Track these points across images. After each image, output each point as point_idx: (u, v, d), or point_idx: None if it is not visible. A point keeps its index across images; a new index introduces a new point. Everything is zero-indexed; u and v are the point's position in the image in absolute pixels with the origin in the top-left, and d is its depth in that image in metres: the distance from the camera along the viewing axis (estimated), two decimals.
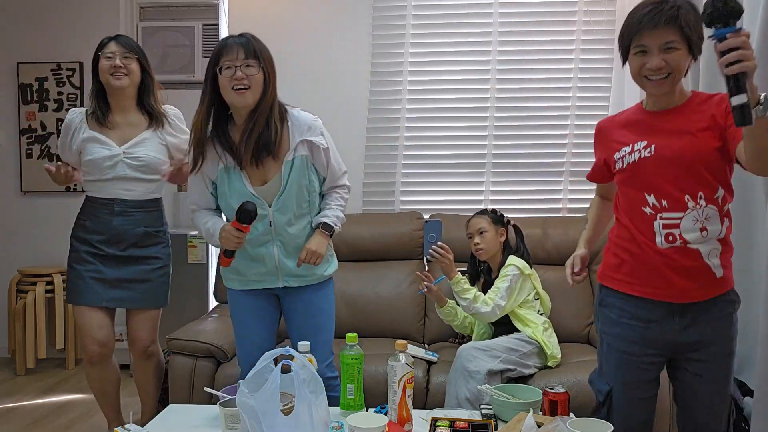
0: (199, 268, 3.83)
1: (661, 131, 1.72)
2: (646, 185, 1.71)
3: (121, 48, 2.48)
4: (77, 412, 3.38)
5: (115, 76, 2.46)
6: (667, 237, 1.69)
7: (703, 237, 1.69)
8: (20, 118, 4.30)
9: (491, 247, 2.68)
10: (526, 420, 1.64)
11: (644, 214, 1.72)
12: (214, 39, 4.13)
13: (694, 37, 1.66)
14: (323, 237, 2.17)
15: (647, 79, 1.69)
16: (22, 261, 4.19)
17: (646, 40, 1.66)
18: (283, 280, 2.20)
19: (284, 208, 2.13)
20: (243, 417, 1.52)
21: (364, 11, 3.73)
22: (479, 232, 2.67)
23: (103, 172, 2.48)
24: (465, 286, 2.52)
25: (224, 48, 2.05)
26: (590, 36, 3.62)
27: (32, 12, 4.28)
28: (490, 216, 2.71)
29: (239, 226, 2.04)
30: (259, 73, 2.05)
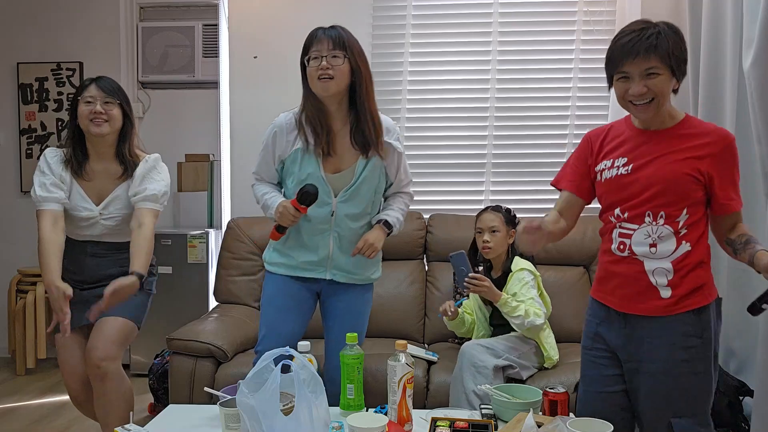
0: (199, 268, 3.83)
1: (641, 152, 1.78)
2: (618, 199, 1.80)
3: (101, 93, 2.31)
4: (77, 412, 3.36)
5: (94, 122, 2.29)
6: (620, 245, 1.79)
7: (651, 253, 1.75)
8: (20, 118, 4.30)
9: (499, 248, 2.65)
10: (526, 420, 1.64)
11: (610, 222, 1.83)
12: (215, 39, 4.13)
13: (675, 63, 1.69)
14: (382, 233, 2.21)
15: (631, 104, 1.74)
16: (22, 261, 4.19)
17: (627, 68, 1.71)
18: (331, 273, 2.22)
19: (350, 202, 2.16)
20: (243, 417, 1.52)
21: (364, 11, 3.73)
22: (491, 230, 2.64)
23: (79, 228, 2.39)
24: (513, 305, 2.48)
25: (313, 39, 2.11)
26: (590, 36, 3.62)
27: (32, 12, 4.29)
28: (504, 215, 2.68)
29: (298, 206, 2.10)
30: (345, 64, 2.08)
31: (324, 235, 2.19)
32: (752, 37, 2.32)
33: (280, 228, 2.18)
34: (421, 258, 3.30)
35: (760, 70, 2.31)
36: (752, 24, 2.33)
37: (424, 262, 3.30)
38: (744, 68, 2.39)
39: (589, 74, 3.63)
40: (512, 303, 2.48)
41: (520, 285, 2.56)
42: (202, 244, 3.83)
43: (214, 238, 3.92)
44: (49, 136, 4.30)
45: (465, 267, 2.45)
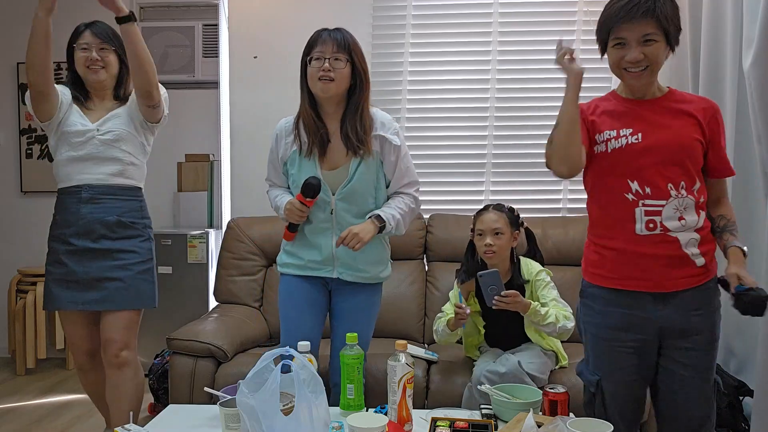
0: (199, 268, 3.83)
1: (645, 120, 1.75)
2: (631, 172, 1.73)
3: (96, 39, 2.37)
4: (77, 412, 3.38)
5: (91, 69, 2.36)
6: (648, 224, 1.72)
7: (682, 226, 1.72)
8: (20, 118, 4.30)
9: (503, 252, 2.43)
10: (526, 420, 1.64)
11: (626, 200, 1.74)
12: (215, 39, 4.13)
13: (671, 28, 1.68)
14: (371, 225, 2.15)
15: (626, 71, 1.72)
16: (22, 261, 4.19)
17: (624, 33, 1.68)
18: (338, 271, 2.22)
19: (348, 199, 2.16)
20: (243, 417, 1.52)
21: (364, 11, 3.73)
22: (494, 232, 2.40)
23: (73, 148, 2.36)
24: (542, 312, 2.30)
25: (317, 39, 2.11)
26: (590, 36, 3.60)
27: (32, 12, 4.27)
28: (508, 215, 2.45)
29: (303, 199, 2.12)
30: (347, 66, 2.09)
31: (326, 233, 2.20)
32: (752, 37, 2.33)
33: (291, 227, 2.21)
34: (421, 258, 3.30)
35: (760, 70, 2.31)
36: (752, 24, 2.34)
37: (424, 262, 3.30)
38: (744, 68, 2.40)
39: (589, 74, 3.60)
40: (541, 311, 2.30)
41: (542, 287, 2.41)
42: (202, 244, 3.83)
43: (214, 238, 3.92)
44: None
45: (497, 286, 2.26)
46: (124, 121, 2.41)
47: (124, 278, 2.37)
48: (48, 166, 4.29)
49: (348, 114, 2.15)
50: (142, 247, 2.43)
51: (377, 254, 2.25)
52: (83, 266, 2.35)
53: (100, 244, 2.36)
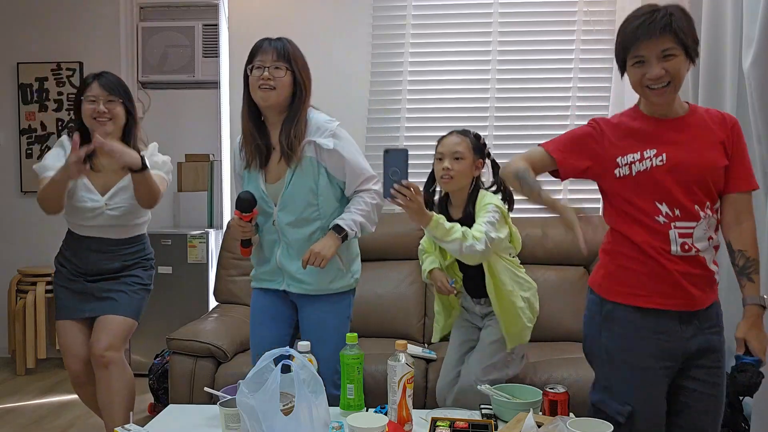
0: (199, 268, 3.83)
1: (668, 141, 1.71)
2: (658, 194, 1.70)
3: (104, 91, 2.37)
4: (77, 412, 3.38)
5: (98, 121, 2.36)
6: (683, 246, 1.69)
7: (709, 245, 1.72)
8: (20, 118, 4.30)
9: (462, 179, 2.24)
10: (526, 420, 1.64)
11: (656, 223, 1.70)
12: (215, 39, 4.13)
13: (690, 41, 1.66)
14: (332, 239, 2.09)
15: (649, 89, 1.68)
16: (22, 261, 4.20)
17: (643, 51, 1.65)
18: (286, 283, 2.19)
19: (287, 209, 2.13)
20: (243, 417, 1.52)
21: (364, 11, 3.73)
22: (454, 156, 2.23)
23: (84, 219, 2.45)
24: (447, 226, 2.05)
25: (258, 49, 2.11)
26: (590, 36, 3.62)
27: (32, 12, 4.29)
28: (472, 141, 2.27)
29: (239, 215, 2.11)
30: (287, 75, 2.08)
31: (275, 245, 2.18)
32: (752, 36, 2.32)
33: (243, 242, 2.22)
34: None
35: (760, 70, 2.31)
36: (752, 23, 2.33)
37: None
38: (744, 68, 2.39)
39: (589, 74, 3.64)
40: (445, 224, 2.05)
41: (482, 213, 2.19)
42: (202, 244, 3.83)
43: (214, 238, 3.92)
44: (49, 136, 4.30)
45: (400, 170, 1.93)
46: (131, 194, 2.44)
47: (123, 292, 2.49)
48: None
49: (286, 123, 2.12)
50: (144, 275, 2.56)
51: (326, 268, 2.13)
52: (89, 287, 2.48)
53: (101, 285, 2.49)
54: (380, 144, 3.72)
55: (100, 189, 2.43)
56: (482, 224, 2.13)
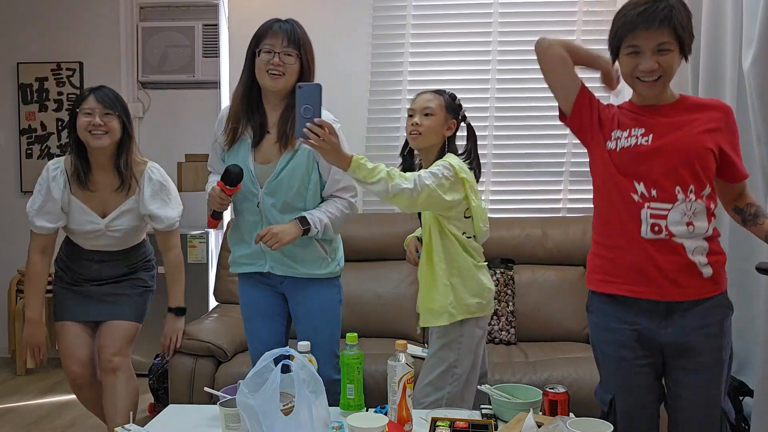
0: (199, 268, 3.83)
1: (657, 123, 1.71)
2: (638, 173, 1.69)
3: (100, 105, 2.32)
4: (77, 412, 3.38)
5: (93, 135, 2.30)
6: (653, 227, 1.67)
7: (689, 232, 1.67)
8: (20, 118, 4.31)
9: (431, 136, 2.13)
10: (526, 420, 1.64)
11: (632, 200, 1.69)
12: (215, 39, 4.13)
13: (687, 37, 1.65)
14: (294, 228, 2.08)
15: (639, 80, 1.68)
16: (22, 261, 4.15)
17: (639, 41, 1.64)
18: (269, 265, 2.18)
19: (275, 193, 2.12)
20: (243, 417, 1.52)
21: (364, 11, 3.73)
22: (424, 112, 2.14)
23: (84, 241, 2.47)
24: (369, 166, 1.88)
25: (268, 30, 2.07)
26: (590, 36, 3.62)
27: (32, 12, 4.29)
28: (446, 99, 2.19)
29: (223, 187, 2.07)
30: (297, 63, 2.07)
31: (256, 227, 2.16)
32: (752, 36, 2.33)
33: (214, 214, 2.16)
34: None
35: (759, 70, 2.31)
36: (752, 23, 2.34)
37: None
38: (744, 68, 2.40)
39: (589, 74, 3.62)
40: (368, 164, 1.88)
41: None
42: (202, 244, 3.83)
43: (214, 238, 3.92)
44: (49, 136, 4.30)
45: (313, 106, 1.80)
46: (134, 217, 2.45)
47: (126, 296, 2.52)
48: None
49: (289, 107, 2.09)
50: (146, 276, 2.59)
51: (308, 253, 2.16)
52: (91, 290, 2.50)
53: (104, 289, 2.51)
54: (380, 144, 3.73)
55: (98, 210, 2.41)
56: (422, 172, 2.00)
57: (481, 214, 2.14)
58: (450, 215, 2.08)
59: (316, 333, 2.11)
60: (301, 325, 2.22)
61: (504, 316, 3.07)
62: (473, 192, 2.09)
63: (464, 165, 2.10)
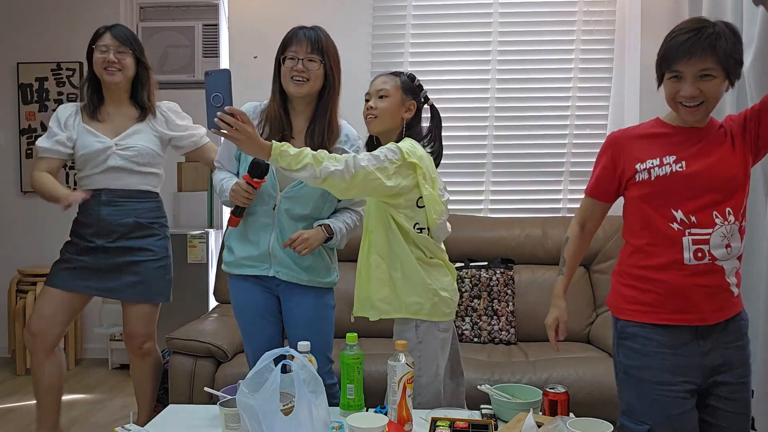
0: (199, 268, 3.83)
1: (688, 148, 1.70)
2: (675, 201, 1.68)
3: (115, 42, 2.43)
4: (77, 412, 3.38)
5: (108, 71, 2.42)
6: (696, 253, 1.66)
7: (728, 254, 1.68)
8: (20, 118, 4.31)
9: (386, 119, 2.02)
10: (526, 420, 1.64)
11: (671, 230, 1.68)
12: (215, 39, 4.13)
13: (732, 65, 1.63)
14: (322, 234, 2.11)
15: (681, 105, 1.66)
16: (22, 261, 4.19)
17: (681, 67, 1.63)
18: (275, 270, 2.16)
19: (294, 200, 2.12)
20: (243, 417, 1.52)
21: (364, 11, 3.73)
22: (379, 95, 2.04)
23: (96, 165, 2.46)
24: (292, 152, 1.81)
25: (293, 38, 2.10)
26: (590, 36, 3.62)
27: (32, 12, 4.29)
28: (402, 80, 2.06)
29: (250, 180, 2.05)
30: (321, 68, 2.09)
31: (266, 230, 2.14)
32: (752, 36, 2.32)
33: (236, 211, 2.13)
34: None
35: (760, 70, 2.31)
36: (752, 24, 2.34)
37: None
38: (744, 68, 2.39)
39: (589, 74, 3.64)
40: (291, 150, 1.81)
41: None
42: (202, 244, 3.83)
43: (214, 238, 3.92)
44: None
45: (223, 94, 1.75)
46: (147, 137, 2.51)
47: (138, 272, 2.51)
48: None
49: (318, 116, 2.13)
50: (157, 245, 2.56)
51: (314, 260, 2.17)
52: (100, 260, 2.49)
53: (117, 244, 2.49)
54: None
55: (109, 134, 2.47)
56: (361, 153, 1.92)
57: (435, 204, 1.97)
58: (397, 203, 1.94)
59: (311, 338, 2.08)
60: (296, 329, 2.21)
61: (504, 316, 3.07)
62: (427, 179, 1.95)
63: (419, 148, 1.96)
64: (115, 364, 4.13)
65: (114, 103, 2.50)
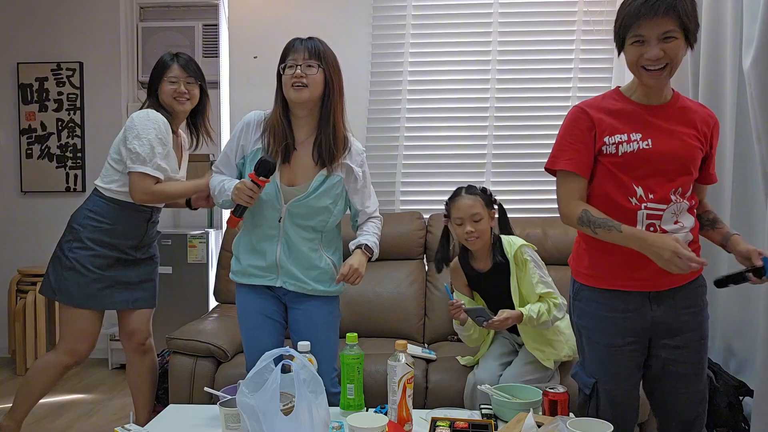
0: (199, 268, 3.83)
1: (654, 126, 1.75)
2: (638, 177, 1.74)
3: (184, 73, 2.51)
4: (77, 412, 3.38)
5: (178, 101, 2.50)
6: (648, 227, 1.74)
7: (678, 227, 1.75)
8: (20, 118, 4.31)
9: (486, 235, 2.35)
10: (526, 420, 1.64)
11: (628, 203, 1.74)
12: (215, 39, 4.13)
13: (692, 25, 1.67)
14: (364, 257, 2.19)
15: (645, 69, 1.69)
16: (22, 261, 4.19)
17: (644, 30, 1.65)
18: (282, 280, 2.18)
19: (300, 212, 2.13)
20: (243, 417, 1.52)
21: (364, 11, 3.73)
22: (473, 218, 2.31)
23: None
24: (535, 315, 2.25)
25: (290, 48, 2.13)
26: (590, 36, 3.62)
27: (32, 12, 4.29)
28: (482, 198, 2.36)
29: (256, 179, 2.04)
30: (319, 73, 2.10)
31: (272, 240, 2.16)
32: (752, 36, 2.32)
33: (237, 210, 2.12)
34: (421, 258, 3.30)
35: (760, 70, 2.31)
36: (752, 24, 2.33)
37: (424, 262, 3.30)
38: (744, 68, 2.39)
39: (589, 74, 3.64)
40: (533, 314, 2.24)
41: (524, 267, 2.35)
42: (202, 244, 3.83)
43: (214, 238, 3.92)
44: (49, 136, 4.30)
45: (484, 317, 2.26)
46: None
47: (152, 280, 2.68)
48: (47, 166, 4.29)
49: (322, 123, 2.14)
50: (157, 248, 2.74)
51: (321, 272, 2.19)
52: (130, 273, 2.59)
53: (147, 254, 2.66)
54: (380, 144, 3.72)
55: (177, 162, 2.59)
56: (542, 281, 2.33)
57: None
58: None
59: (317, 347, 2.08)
60: (301, 337, 2.19)
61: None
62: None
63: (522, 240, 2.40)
64: (115, 364, 4.13)
65: (175, 126, 2.58)
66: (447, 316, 3.07)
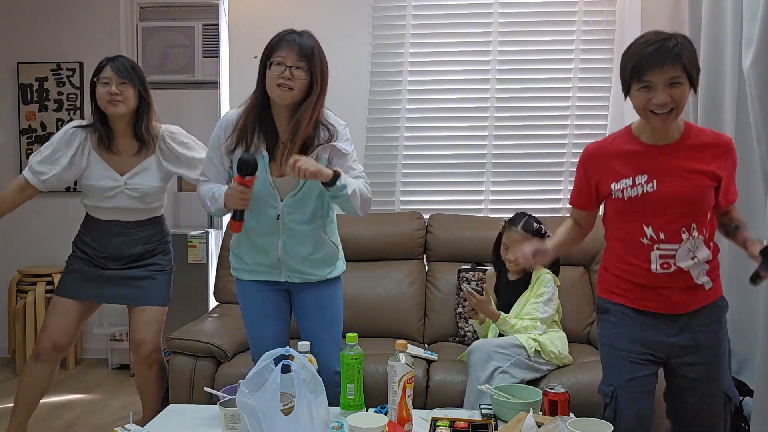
0: (199, 268, 3.83)
1: (660, 167, 1.81)
2: (646, 218, 1.82)
3: (116, 74, 2.43)
4: (77, 412, 3.38)
5: (111, 103, 2.43)
6: (663, 265, 1.81)
7: (694, 262, 1.81)
8: (20, 118, 4.30)
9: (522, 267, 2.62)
10: (526, 420, 1.64)
11: (641, 244, 1.83)
12: (215, 39, 4.13)
13: (694, 72, 1.75)
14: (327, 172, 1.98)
15: (652, 113, 1.75)
16: (22, 261, 4.19)
17: (651, 77, 1.72)
18: (286, 275, 2.19)
19: (296, 207, 2.12)
20: (243, 417, 1.52)
21: (364, 11, 3.73)
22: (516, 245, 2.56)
23: (103, 200, 2.51)
24: (512, 323, 2.53)
25: (280, 42, 2.04)
26: (590, 36, 3.62)
27: (32, 12, 4.29)
28: (533, 234, 2.60)
29: (242, 180, 2.01)
30: (307, 77, 2.03)
31: (273, 238, 2.15)
32: (752, 37, 2.32)
33: (235, 215, 2.10)
34: (421, 258, 3.30)
35: (760, 70, 2.31)
36: (752, 24, 2.33)
37: (424, 262, 3.30)
38: (744, 68, 2.39)
39: (589, 74, 3.64)
40: (511, 321, 2.52)
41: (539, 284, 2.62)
42: (202, 244, 3.83)
43: (214, 238, 3.92)
44: (49, 136, 4.24)
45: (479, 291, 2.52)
46: (153, 176, 2.54)
47: (149, 278, 2.60)
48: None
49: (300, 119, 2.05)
50: (163, 260, 2.65)
51: (323, 256, 2.19)
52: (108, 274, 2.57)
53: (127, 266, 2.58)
54: (380, 144, 3.72)
55: (118, 170, 2.50)
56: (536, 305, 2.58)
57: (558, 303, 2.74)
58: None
59: (325, 328, 2.14)
60: (309, 321, 2.22)
61: None
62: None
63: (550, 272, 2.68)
64: (115, 364, 4.13)
65: (119, 135, 2.51)
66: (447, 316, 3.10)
